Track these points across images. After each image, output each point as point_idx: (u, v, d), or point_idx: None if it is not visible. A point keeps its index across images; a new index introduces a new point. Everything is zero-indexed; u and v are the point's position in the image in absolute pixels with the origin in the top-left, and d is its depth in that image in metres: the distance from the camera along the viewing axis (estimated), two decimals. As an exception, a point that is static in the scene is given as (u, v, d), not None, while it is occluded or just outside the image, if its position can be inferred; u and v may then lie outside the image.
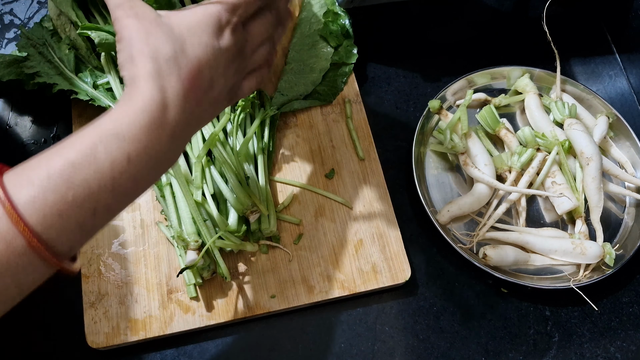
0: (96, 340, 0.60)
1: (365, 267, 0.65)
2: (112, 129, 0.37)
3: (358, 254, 0.66)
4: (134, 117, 0.38)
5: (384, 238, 0.67)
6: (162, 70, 0.39)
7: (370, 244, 0.67)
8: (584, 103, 0.77)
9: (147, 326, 0.61)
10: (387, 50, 0.81)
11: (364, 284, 0.65)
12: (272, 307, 0.63)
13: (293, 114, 0.74)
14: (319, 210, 0.68)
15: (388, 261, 0.66)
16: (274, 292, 0.64)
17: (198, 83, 0.41)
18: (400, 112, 0.78)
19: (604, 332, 0.66)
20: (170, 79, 0.40)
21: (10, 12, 0.80)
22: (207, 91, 0.43)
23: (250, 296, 0.63)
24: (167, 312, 0.62)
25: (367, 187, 0.70)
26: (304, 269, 0.65)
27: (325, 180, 0.70)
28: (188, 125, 0.41)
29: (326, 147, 0.72)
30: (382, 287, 0.65)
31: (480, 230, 0.68)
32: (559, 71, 0.76)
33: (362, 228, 0.67)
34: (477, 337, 0.65)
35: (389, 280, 0.65)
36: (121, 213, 0.42)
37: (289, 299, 0.63)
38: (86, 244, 0.42)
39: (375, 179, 0.70)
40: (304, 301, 0.63)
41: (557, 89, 0.77)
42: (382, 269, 0.65)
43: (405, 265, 0.66)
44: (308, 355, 0.63)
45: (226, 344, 0.63)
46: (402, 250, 0.66)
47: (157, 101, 0.39)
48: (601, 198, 0.69)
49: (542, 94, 0.78)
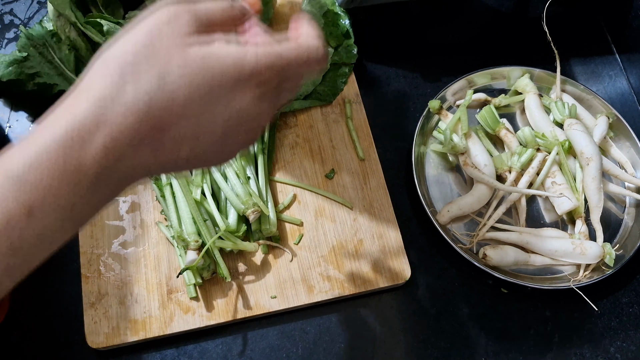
0: (96, 340, 0.60)
1: (365, 268, 0.65)
2: (18, 172, 0.28)
3: (358, 254, 0.66)
4: (46, 166, 0.28)
5: (384, 238, 0.67)
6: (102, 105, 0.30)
7: (370, 244, 0.67)
8: (584, 103, 0.77)
9: (147, 326, 0.61)
10: (387, 50, 0.81)
11: (363, 284, 0.65)
12: (272, 308, 0.63)
13: (293, 114, 0.74)
14: (319, 210, 0.68)
15: (388, 261, 0.66)
16: (274, 292, 0.64)
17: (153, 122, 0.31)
18: (400, 112, 0.78)
19: (604, 332, 0.66)
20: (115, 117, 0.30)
21: (10, 12, 0.80)
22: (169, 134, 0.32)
23: (250, 296, 0.63)
24: (167, 312, 0.62)
25: (367, 187, 0.70)
26: (304, 269, 0.65)
27: (325, 180, 0.70)
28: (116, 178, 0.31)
29: (326, 147, 0.72)
30: (382, 287, 0.65)
31: (480, 231, 0.68)
32: (559, 71, 0.76)
33: (362, 228, 0.67)
34: (477, 337, 0.65)
35: (389, 280, 0.65)
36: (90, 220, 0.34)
37: (289, 299, 0.63)
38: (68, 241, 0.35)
39: (375, 179, 0.70)
40: (304, 301, 0.63)
41: (557, 89, 0.77)
42: (381, 269, 0.65)
43: (405, 266, 0.66)
44: (308, 355, 0.63)
45: (226, 343, 0.63)
46: (402, 251, 0.66)
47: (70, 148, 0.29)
48: (601, 198, 0.69)
49: (542, 94, 0.78)
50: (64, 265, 0.65)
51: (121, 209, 0.67)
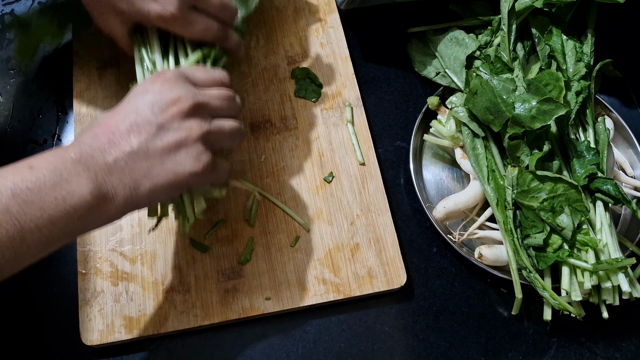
0: (90, 337, 0.60)
1: (361, 272, 0.65)
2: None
3: (354, 258, 0.66)
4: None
5: (381, 243, 0.67)
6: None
7: (366, 249, 0.67)
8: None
9: (142, 324, 0.61)
10: (386, 51, 0.82)
11: (359, 288, 0.65)
12: (266, 309, 0.63)
13: (293, 116, 0.74)
14: (317, 213, 0.68)
15: (384, 266, 0.66)
16: (269, 294, 0.64)
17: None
18: (399, 112, 0.78)
19: (603, 332, 0.66)
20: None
21: (10, 13, 0.81)
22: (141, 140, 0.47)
23: (245, 297, 0.63)
24: (162, 311, 0.62)
25: (365, 191, 0.70)
26: (299, 271, 0.65)
27: (323, 183, 0.70)
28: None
29: (326, 151, 0.72)
30: (377, 291, 0.65)
31: (472, 227, 0.67)
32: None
33: (359, 232, 0.67)
34: (476, 336, 0.65)
35: (385, 285, 0.65)
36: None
37: (283, 301, 0.64)
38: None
39: (373, 184, 0.70)
40: (298, 304, 0.63)
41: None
42: (377, 273, 0.65)
43: (402, 271, 0.66)
44: (308, 355, 0.63)
45: (226, 343, 0.63)
46: (398, 256, 0.66)
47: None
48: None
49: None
50: (60, 262, 0.65)
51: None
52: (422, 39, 0.80)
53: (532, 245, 0.64)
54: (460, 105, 0.69)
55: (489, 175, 0.67)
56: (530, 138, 0.65)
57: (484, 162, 0.67)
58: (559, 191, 0.62)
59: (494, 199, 0.65)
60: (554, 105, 0.62)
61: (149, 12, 0.56)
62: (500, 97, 0.64)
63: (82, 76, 0.74)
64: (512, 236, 0.63)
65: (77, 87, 0.73)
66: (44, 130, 0.73)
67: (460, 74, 0.74)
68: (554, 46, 0.71)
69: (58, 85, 0.75)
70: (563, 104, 0.62)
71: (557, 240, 0.62)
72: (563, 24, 0.73)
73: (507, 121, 0.64)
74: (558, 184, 0.62)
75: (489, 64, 0.71)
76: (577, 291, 0.61)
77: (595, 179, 0.64)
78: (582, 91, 0.68)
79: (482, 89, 0.66)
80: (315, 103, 0.75)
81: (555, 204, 0.62)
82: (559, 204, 0.62)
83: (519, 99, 0.64)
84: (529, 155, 0.65)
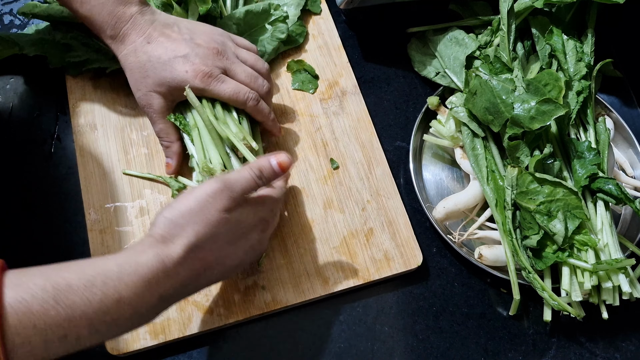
0: (116, 347, 0.60)
1: (378, 255, 0.66)
2: (115, 271, 0.43)
3: (369, 243, 0.67)
4: (136, 268, 0.44)
5: (394, 225, 0.68)
6: (168, 239, 0.48)
7: (380, 232, 0.67)
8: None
9: (166, 329, 0.61)
10: (386, 50, 0.81)
11: (377, 272, 0.65)
12: (289, 302, 0.63)
13: (293, 110, 0.74)
14: (328, 202, 0.69)
15: (399, 248, 0.67)
16: (290, 286, 0.64)
17: (199, 255, 0.49)
18: (399, 112, 0.78)
19: (603, 332, 0.67)
20: (174, 247, 0.47)
21: (10, 13, 0.79)
22: (207, 264, 0.50)
23: (267, 292, 0.63)
24: (185, 313, 0.62)
25: (372, 176, 0.70)
26: (317, 261, 0.65)
27: (331, 172, 0.70)
28: (177, 293, 0.48)
29: (329, 140, 0.72)
30: (396, 273, 0.65)
31: (471, 227, 0.67)
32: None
33: (371, 217, 0.68)
34: (476, 337, 0.66)
35: (402, 266, 0.66)
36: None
37: (305, 292, 0.64)
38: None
39: (380, 168, 0.71)
40: (319, 293, 0.64)
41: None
42: (394, 255, 0.66)
43: (417, 251, 0.66)
44: (308, 355, 0.63)
45: (227, 345, 0.63)
46: (412, 236, 0.67)
47: (156, 264, 0.46)
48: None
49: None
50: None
51: (130, 215, 0.66)
52: (421, 38, 0.80)
53: (529, 247, 0.64)
54: (460, 105, 0.70)
55: (488, 176, 0.67)
56: (530, 138, 0.65)
57: (484, 163, 0.68)
58: (557, 195, 0.61)
59: (493, 200, 0.65)
60: (553, 106, 0.62)
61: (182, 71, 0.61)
62: (499, 97, 0.65)
63: (75, 87, 0.73)
64: (511, 237, 0.63)
65: (72, 99, 0.72)
66: (44, 131, 0.72)
67: (460, 74, 0.74)
68: (555, 46, 0.71)
69: (57, 86, 0.74)
70: (562, 104, 0.62)
71: (551, 244, 0.62)
72: (563, 24, 0.73)
73: (506, 121, 0.64)
74: (557, 188, 0.61)
75: (488, 64, 0.71)
76: (577, 291, 0.61)
77: (596, 179, 0.64)
78: (583, 91, 0.68)
79: (481, 89, 0.66)
80: (313, 94, 0.75)
81: (552, 207, 0.61)
82: (556, 209, 0.61)
83: (518, 99, 0.64)
84: (528, 155, 0.65)
